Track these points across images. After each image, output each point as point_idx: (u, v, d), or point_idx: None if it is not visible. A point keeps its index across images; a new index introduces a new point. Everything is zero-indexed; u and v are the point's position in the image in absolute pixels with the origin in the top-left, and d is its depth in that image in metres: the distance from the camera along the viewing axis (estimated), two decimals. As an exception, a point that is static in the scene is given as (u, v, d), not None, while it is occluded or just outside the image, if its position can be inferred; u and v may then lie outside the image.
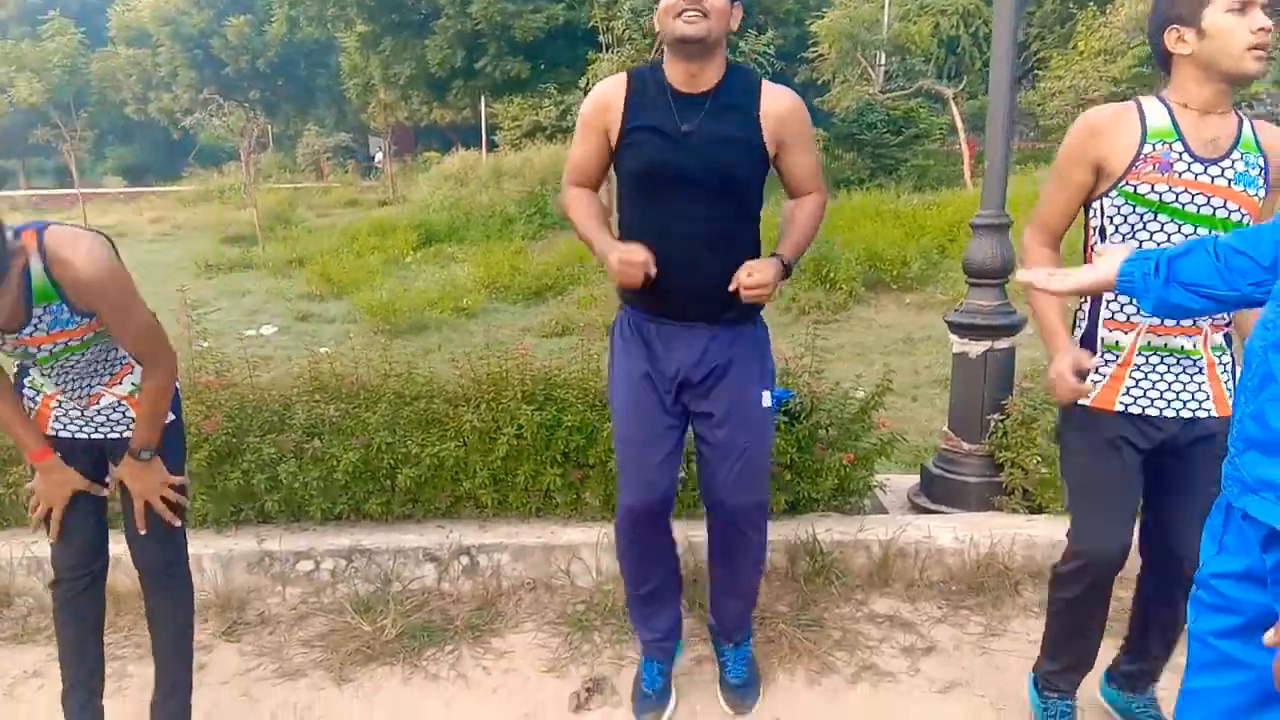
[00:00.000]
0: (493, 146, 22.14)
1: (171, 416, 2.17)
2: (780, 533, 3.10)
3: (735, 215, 2.20)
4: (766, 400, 2.31)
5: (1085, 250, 2.10)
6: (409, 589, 3.05)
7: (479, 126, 24.77)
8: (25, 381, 2.14)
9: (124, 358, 2.13)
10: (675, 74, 2.16)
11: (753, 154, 2.17)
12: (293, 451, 3.11)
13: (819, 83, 23.99)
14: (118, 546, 2.23)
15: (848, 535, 3.10)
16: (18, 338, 1.94)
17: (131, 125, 35.44)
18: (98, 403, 2.13)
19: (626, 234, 2.24)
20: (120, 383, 2.14)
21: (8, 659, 2.74)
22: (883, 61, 19.47)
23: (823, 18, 20.08)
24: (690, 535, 2.93)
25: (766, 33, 14.08)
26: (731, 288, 2.09)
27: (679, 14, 2.05)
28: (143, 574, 2.24)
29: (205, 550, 3.03)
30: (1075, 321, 2.15)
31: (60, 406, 2.14)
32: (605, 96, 2.22)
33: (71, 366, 2.06)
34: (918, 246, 10.38)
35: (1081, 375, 1.97)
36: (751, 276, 2.08)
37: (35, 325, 1.93)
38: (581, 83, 13.98)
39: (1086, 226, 2.09)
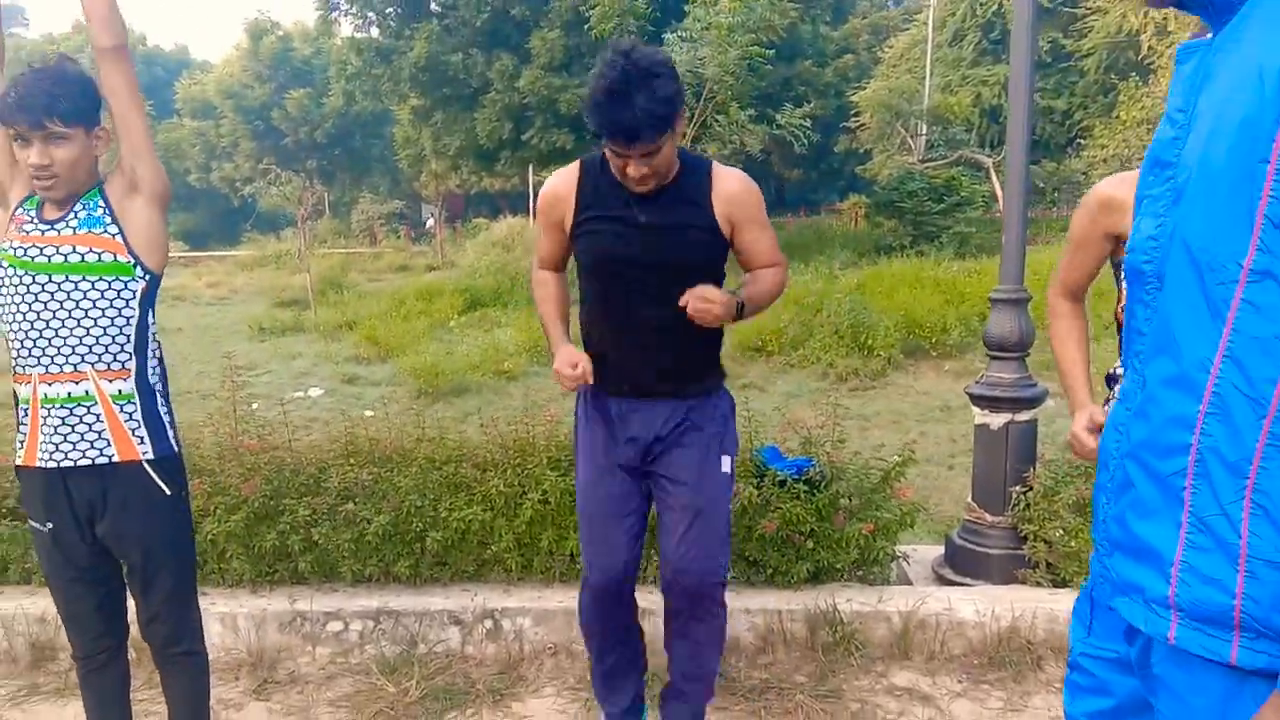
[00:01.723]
0: (539, 214, 22.60)
1: (167, 491, 2.10)
2: (801, 602, 3.12)
3: None
4: (726, 465, 2.32)
5: (1116, 310, 2.10)
6: (434, 651, 3.12)
7: (527, 194, 25.40)
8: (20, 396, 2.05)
9: (127, 352, 2.03)
10: None
11: (707, 238, 2.21)
12: (326, 514, 3.22)
13: (860, 151, 24.28)
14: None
15: (868, 606, 3.11)
16: (45, 232, 1.97)
17: (194, 193, 36.92)
18: (81, 397, 1.99)
19: (587, 315, 2.32)
20: (111, 380, 2.02)
21: (50, 713, 2.85)
22: (923, 131, 19.66)
23: (864, 89, 20.41)
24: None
25: (803, 106, 14.34)
26: (681, 303, 2.10)
27: (630, 177, 2.09)
28: (155, 651, 2.22)
29: (240, 609, 3.14)
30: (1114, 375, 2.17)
31: (46, 418, 1.99)
32: (556, 189, 2.28)
33: (74, 308, 1.96)
34: (957, 314, 10.35)
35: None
36: (702, 296, 2.09)
37: (68, 219, 1.99)
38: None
39: (1118, 284, 2.09)
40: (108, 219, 2.03)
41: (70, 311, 1.98)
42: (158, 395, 2.13)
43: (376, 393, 9.39)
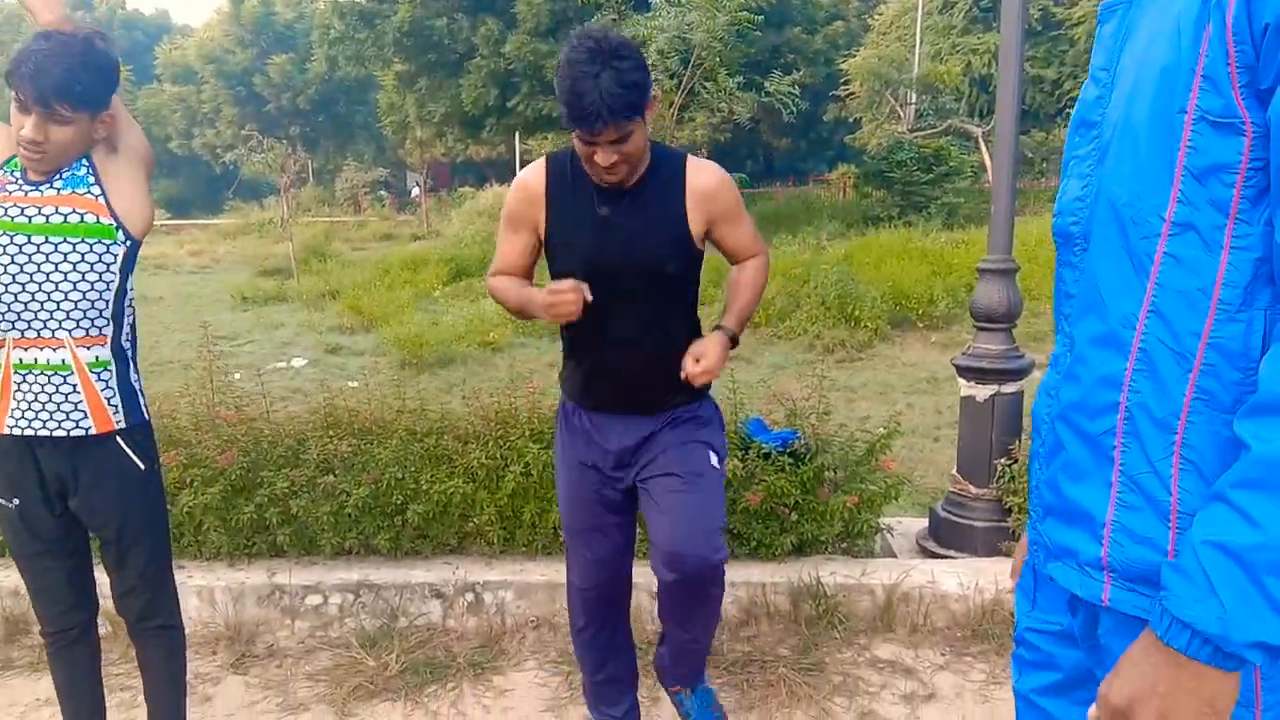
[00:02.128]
0: (525, 182, 22.41)
1: (141, 466, 2.06)
2: (784, 574, 3.10)
3: (670, 309, 2.17)
4: (714, 460, 2.21)
5: None
6: (414, 624, 3.09)
7: (513, 163, 25.18)
8: None
9: (105, 318, 1.98)
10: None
11: (682, 246, 2.11)
12: (305, 486, 3.18)
13: (850, 121, 24.14)
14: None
15: (851, 578, 3.10)
16: (29, 193, 1.92)
17: (176, 160, 36.43)
18: (58, 366, 1.93)
19: (567, 329, 2.19)
20: (90, 348, 1.95)
21: (23, 687, 2.82)
22: (913, 100, 19.54)
23: (853, 56, 20.24)
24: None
25: (792, 74, 14.19)
26: (682, 375, 2.04)
27: (597, 166, 1.98)
28: (130, 625, 2.17)
29: (217, 583, 3.10)
30: None
31: (20, 384, 1.93)
32: (528, 191, 2.15)
33: (53, 270, 1.90)
34: (944, 285, 10.33)
35: None
36: (699, 363, 2.02)
37: (53, 181, 1.93)
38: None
39: None
40: (90, 179, 1.96)
41: (49, 274, 1.91)
42: (130, 363, 2.08)
43: (360, 363, 9.32)
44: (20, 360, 1.93)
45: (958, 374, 3.49)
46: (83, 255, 1.93)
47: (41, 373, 1.93)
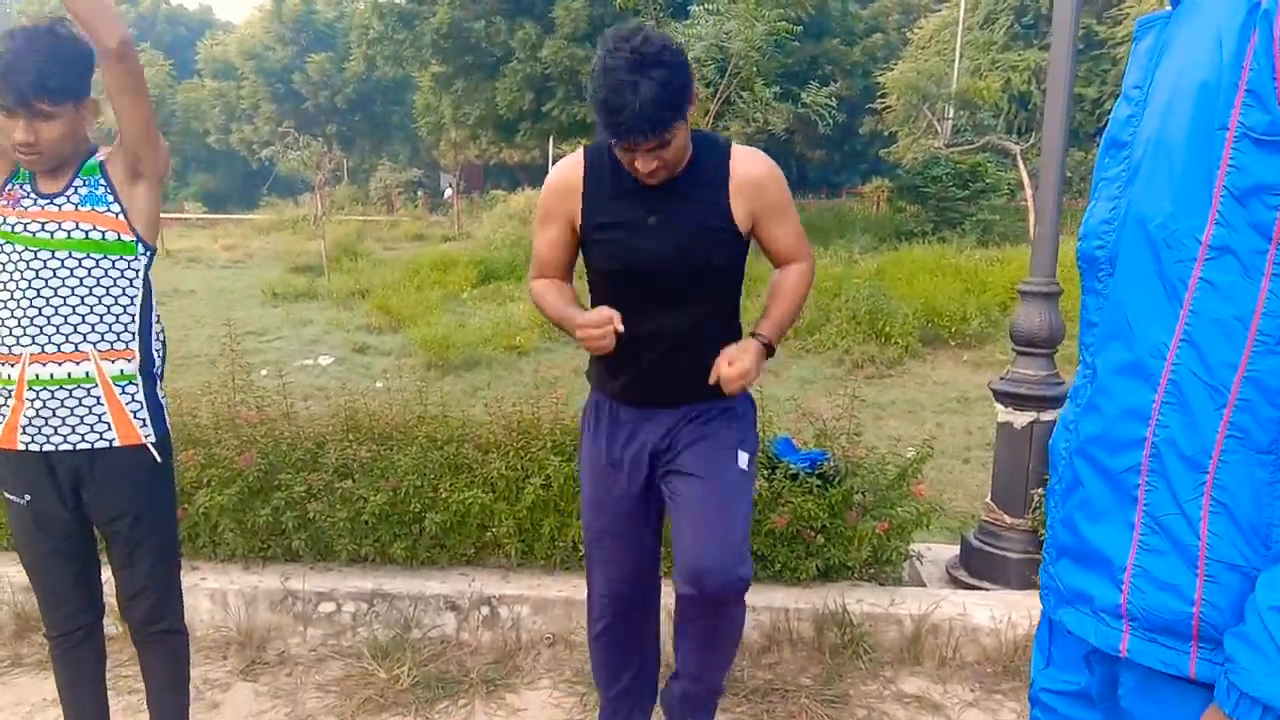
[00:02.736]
0: (557, 187, 22.47)
1: (158, 459, 2.04)
2: (809, 600, 3.01)
3: (711, 307, 2.09)
4: (744, 461, 2.12)
5: None
6: (428, 636, 3.03)
7: (546, 167, 25.24)
8: None
9: (130, 332, 1.96)
10: None
11: (726, 239, 2.02)
12: (323, 490, 3.13)
13: (885, 134, 23.97)
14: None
15: (879, 607, 3.00)
16: (45, 207, 1.90)
17: (214, 154, 36.89)
18: (80, 379, 1.91)
19: None
20: (114, 361, 1.94)
21: (30, 686, 2.78)
22: (950, 115, 19.35)
23: (892, 69, 20.08)
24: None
25: (829, 85, 14.08)
26: (712, 379, 1.95)
27: (637, 170, 1.90)
28: (134, 629, 2.13)
29: (231, 586, 3.05)
30: None
31: (33, 400, 1.90)
32: (564, 183, 2.08)
33: (77, 285, 1.89)
34: (978, 303, 10.18)
35: None
36: (732, 365, 1.94)
37: (69, 195, 1.92)
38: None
39: None
40: (110, 198, 1.95)
41: (73, 289, 1.90)
42: (157, 380, 2.07)
43: (386, 363, 9.32)
44: (36, 375, 1.90)
45: (995, 398, 3.38)
46: (105, 271, 1.94)
47: (60, 387, 1.91)
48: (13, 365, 1.90)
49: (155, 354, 2.05)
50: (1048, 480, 3.28)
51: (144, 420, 2.00)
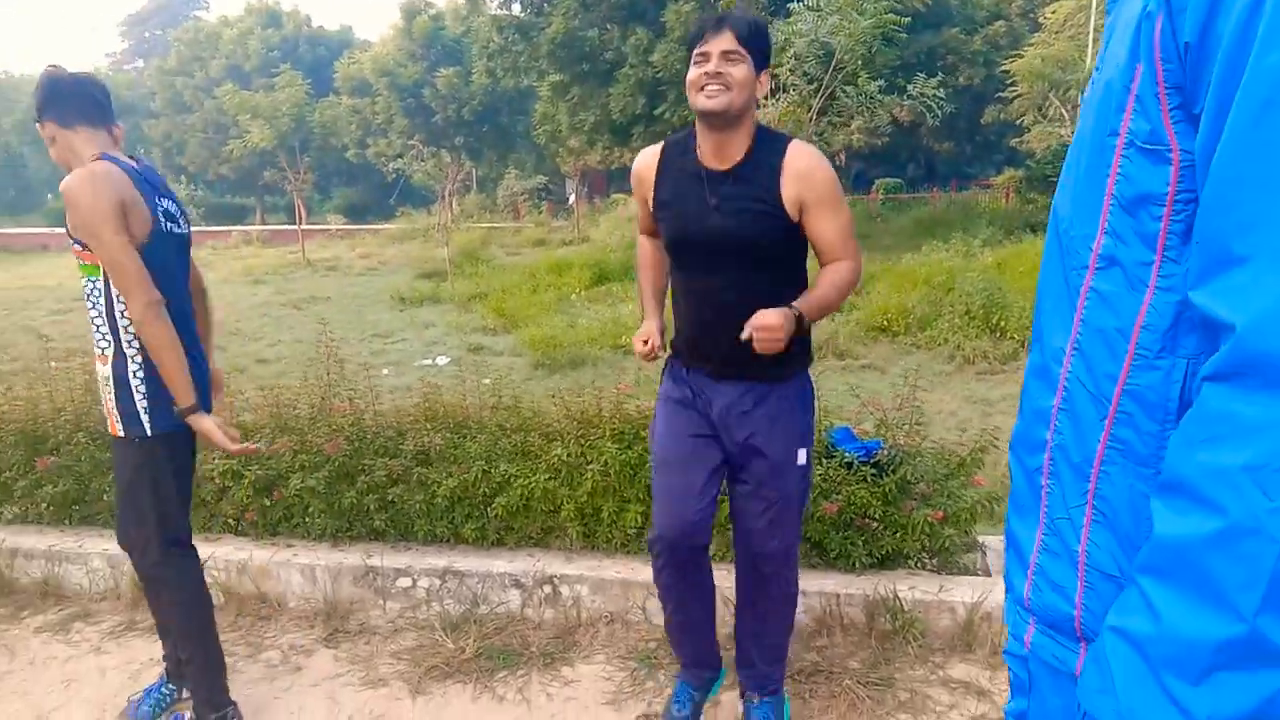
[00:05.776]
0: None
1: (122, 433, 2.37)
2: (861, 587, 3.03)
3: (769, 283, 2.21)
4: (802, 458, 2.31)
5: None
6: (495, 611, 3.22)
7: (663, 169, 25.42)
8: None
9: (105, 338, 2.34)
10: (704, 144, 2.20)
11: (776, 223, 2.15)
12: (403, 475, 3.37)
13: (1016, 123, 23.07)
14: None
15: (930, 595, 3.00)
16: (73, 245, 2.31)
17: (353, 168, 38.79)
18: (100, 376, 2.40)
19: (673, 288, 2.40)
20: (106, 364, 2.36)
21: (143, 648, 3.11)
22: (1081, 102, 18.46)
23: (1021, 56, 19.34)
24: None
25: (950, 75, 13.68)
26: (744, 335, 2.07)
27: (702, 88, 2.09)
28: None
29: (319, 562, 3.32)
30: None
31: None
32: (640, 169, 2.36)
33: (92, 305, 2.34)
34: (1099, 296, 9.72)
35: None
36: (760, 325, 2.04)
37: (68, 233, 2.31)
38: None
39: None
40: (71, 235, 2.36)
41: (86, 303, 2.43)
42: (131, 389, 2.36)
43: (498, 362, 9.68)
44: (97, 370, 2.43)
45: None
46: (92, 282, 2.34)
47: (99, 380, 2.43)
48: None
49: (131, 364, 2.36)
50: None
51: (117, 417, 2.38)
